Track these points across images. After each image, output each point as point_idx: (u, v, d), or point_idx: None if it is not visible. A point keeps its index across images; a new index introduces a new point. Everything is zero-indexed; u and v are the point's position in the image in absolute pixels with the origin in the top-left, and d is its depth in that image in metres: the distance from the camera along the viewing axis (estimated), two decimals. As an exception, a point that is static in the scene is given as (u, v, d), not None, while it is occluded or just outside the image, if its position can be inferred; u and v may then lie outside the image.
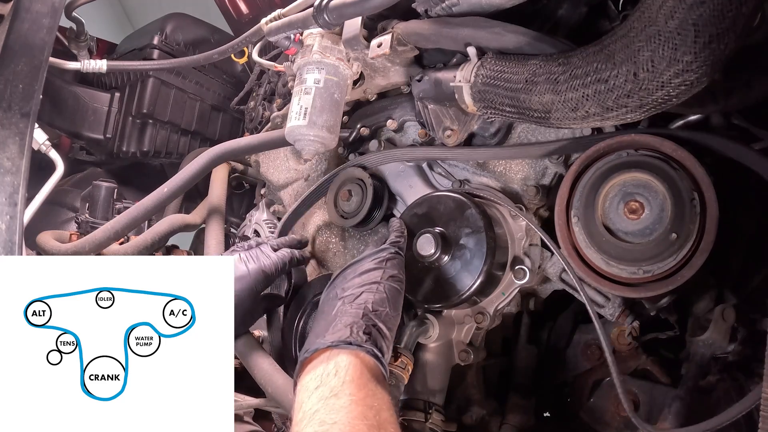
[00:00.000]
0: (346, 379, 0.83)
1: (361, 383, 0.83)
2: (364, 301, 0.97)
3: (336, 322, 0.93)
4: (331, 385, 0.82)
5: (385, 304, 0.99)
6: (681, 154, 1.01)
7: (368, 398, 0.81)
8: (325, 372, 0.85)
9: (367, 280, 1.02)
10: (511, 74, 1.03)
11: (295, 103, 1.33)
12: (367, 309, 0.95)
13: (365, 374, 0.85)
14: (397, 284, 1.05)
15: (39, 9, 1.26)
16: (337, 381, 0.83)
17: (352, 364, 0.86)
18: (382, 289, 1.01)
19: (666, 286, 1.00)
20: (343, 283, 1.04)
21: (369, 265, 1.06)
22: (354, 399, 0.80)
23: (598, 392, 1.27)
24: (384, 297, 1.00)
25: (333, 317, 0.95)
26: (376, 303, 0.97)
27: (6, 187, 1.16)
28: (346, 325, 0.91)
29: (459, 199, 1.21)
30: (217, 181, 1.91)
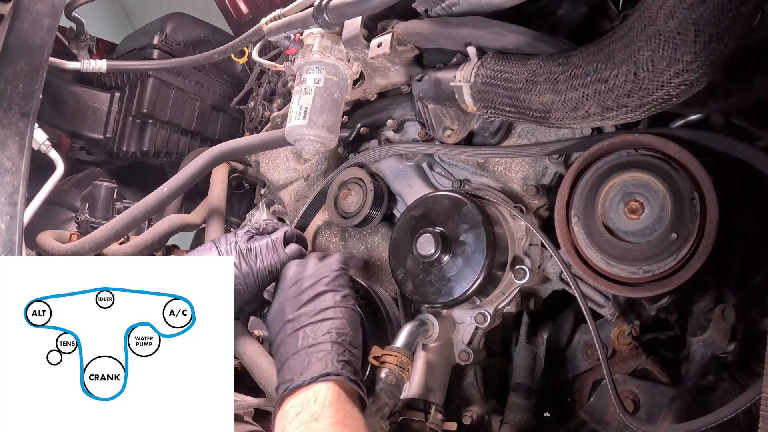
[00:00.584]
0: (325, 403, 0.89)
1: (339, 406, 0.89)
2: (327, 330, 1.01)
3: (309, 357, 0.97)
4: (312, 410, 0.88)
5: (346, 327, 1.03)
6: (682, 154, 1.01)
7: (347, 419, 0.88)
8: (306, 399, 0.91)
9: (322, 306, 1.05)
10: (511, 74, 1.03)
11: (295, 102, 1.33)
12: (333, 338, 1.00)
13: (343, 397, 0.92)
14: (351, 303, 1.09)
15: (39, 9, 1.26)
16: (317, 406, 0.89)
17: (330, 389, 0.92)
18: (340, 313, 1.05)
19: (666, 286, 1.00)
20: (294, 309, 1.06)
21: (318, 288, 1.09)
22: (333, 421, 0.86)
23: (598, 392, 1.27)
24: (344, 321, 1.04)
25: (302, 352, 0.99)
26: (339, 329, 1.02)
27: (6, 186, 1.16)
28: (320, 359, 0.96)
29: (455, 197, 1.21)
30: (217, 181, 1.91)
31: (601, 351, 1.08)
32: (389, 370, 1.09)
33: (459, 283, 1.17)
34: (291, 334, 1.02)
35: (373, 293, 1.37)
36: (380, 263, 1.47)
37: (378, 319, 1.35)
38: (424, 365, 1.24)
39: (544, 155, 1.22)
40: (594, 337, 1.08)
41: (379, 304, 1.36)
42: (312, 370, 0.94)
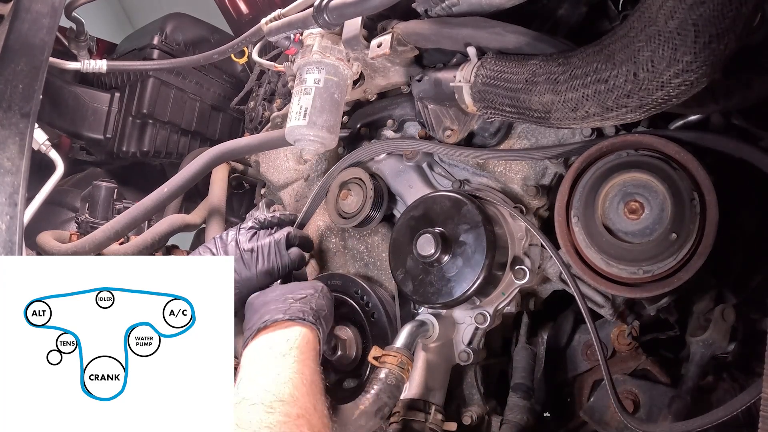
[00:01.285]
0: (294, 345, 1.03)
1: (305, 349, 1.04)
2: (308, 299, 1.15)
3: (289, 306, 1.10)
4: (282, 348, 1.02)
5: (324, 307, 1.17)
6: (682, 154, 1.01)
7: (308, 360, 1.02)
8: (279, 336, 1.05)
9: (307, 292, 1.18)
10: (511, 74, 1.03)
11: (295, 103, 1.33)
12: (312, 306, 1.14)
13: (310, 343, 1.06)
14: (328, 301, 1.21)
15: (39, 9, 1.26)
16: (287, 345, 1.03)
17: (302, 334, 1.06)
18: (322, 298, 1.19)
19: (666, 286, 1.00)
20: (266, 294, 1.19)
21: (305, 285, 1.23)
22: (297, 359, 1.00)
23: (598, 392, 1.27)
24: (323, 303, 1.18)
25: (284, 304, 1.12)
26: (318, 304, 1.16)
27: (6, 187, 1.16)
28: (299, 309, 1.10)
29: (455, 197, 1.21)
30: (217, 181, 1.91)
31: (600, 351, 1.08)
32: (389, 370, 1.10)
33: (459, 283, 1.17)
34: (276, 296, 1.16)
35: (373, 293, 1.37)
36: (380, 263, 1.47)
37: (378, 320, 1.35)
38: (424, 365, 1.24)
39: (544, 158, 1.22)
40: (593, 337, 1.08)
41: (379, 304, 1.36)
42: (291, 312, 1.09)
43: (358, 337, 1.38)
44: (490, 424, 1.31)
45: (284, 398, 0.91)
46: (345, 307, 1.40)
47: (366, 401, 1.07)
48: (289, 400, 0.91)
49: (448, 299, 1.19)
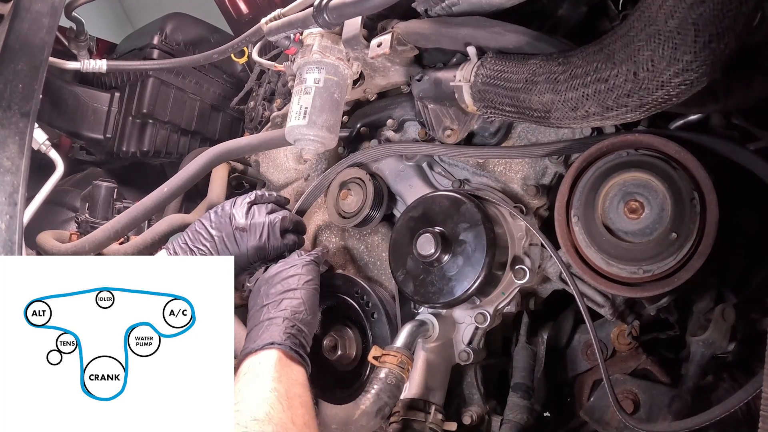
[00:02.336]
0: (267, 366, 1.06)
1: (279, 368, 1.06)
2: (284, 307, 1.17)
3: (263, 329, 1.14)
4: (256, 371, 1.06)
5: (301, 306, 1.19)
6: (682, 154, 1.01)
7: (282, 377, 1.04)
8: (253, 362, 1.08)
9: (287, 287, 1.21)
10: (511, 74, 1.03)
11: (295, 102, 1.33)
12: (286, 314, 1.16)
13: (283, 362, 1.09)
14: (312, 287, 1.25)
15: (39, 9, 1.26)
16: (261, 368, 1.06)
17: (273, 355, 1.09)
18: (299, 294, 1.21)
19: (666, 286, 1.00)
20: (268, 289, 1.22)
21: (287, 273, 1.24)
22: (271, 378, 1.03)
23: (598, 392, 1.27)
24: (300, 301, 1.20)
25: (261, 324, 1.16)
26: (294, 308, 1.18)
27: (6, 186, 1.16)
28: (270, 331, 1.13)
29: (454, 196, 1.21)
30: (216, 180, 1.91)
31: (599, 350, 1.08)
32: (389, 370, 1.10)
33: (459, 283, 1.17)
34: (258, 310, 1.20)
35: (373, 293, 1.37)
36: (380, 263, 1.47)
37: (378, 319, 1.35)
38: (424, 365, 1.24)
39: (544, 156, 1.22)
40: (592, 337, 1.07)
41: (379, 304, 1.36)
42: (262, 339, 1.12)
43: (358, 337, 1.38)
44: (490, 423, 1.31)
45: (258, 417, 0.93)
46: (345, 306, 1.40)
47: (366, 401, 1.07)
48: (263, 418, 0.93)
49: (448, 299, 1.19)
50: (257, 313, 1.19)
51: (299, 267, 1.25)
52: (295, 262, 1.27)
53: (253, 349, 1.10)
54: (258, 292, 1.24)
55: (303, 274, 1.24)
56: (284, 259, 1.30)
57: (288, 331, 1.13)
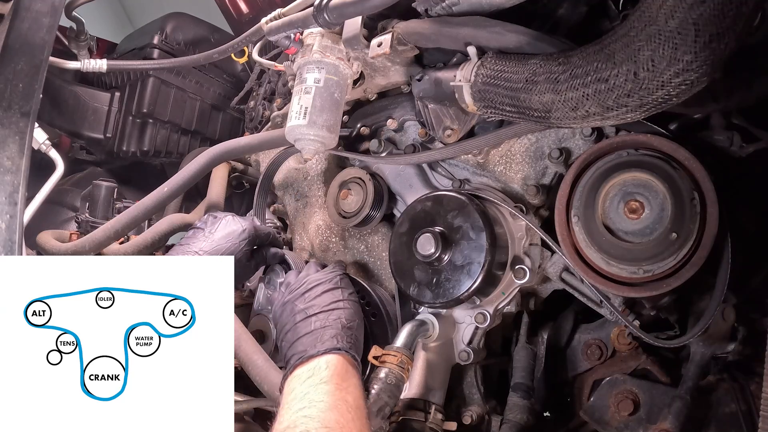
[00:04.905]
0: (333, 372, 1.03)
1: (345, 376, 1.03)
2: (337, 317, 1.16)
3: (321, 334, 1.11)
4: (321, 375, 1.02)
5: (354, 318, 1.18)
6: (682, 153, 1.00)
7: (350, 387, 1.01)
8: (316, 366, 1.04)
9: (333, 299, 1.20)
10: (511, 74, 1.03)
11: (295, 102, 1.33)
12: (343, 323, 1.15)
13: (347, 369, 1.05)
14: (355, 299, 1.25)
15: (39, 8, 1.26)
16: (327, 373, 1.02)
17: (337, 360, 1.06)
18: (349, 305, 1.20)
19: (666, 286, 1.00)
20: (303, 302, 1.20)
21: (326, 286, 1.23)
22: (338, 386, 1.00)
23: (598, 392, 1.27)
24: (352, 311, 1.19)
25: (316, 332, 1.12)
26: (348, 318, 1.17)
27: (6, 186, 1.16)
28: (332, 336, 1.10)
29: (458, 198, 1.21)
30: (216, 179, 1.91)
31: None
32: (389, 369, 1.10)
33: (459, 282, 1.17)
34: (304, 320, 1.16)
35: (373, 293, 1.37)
36: (380, 263, 1.47)
37: (378, 319, 1.35)
38: (424, 365, 1.24)
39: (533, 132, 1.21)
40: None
41: (379, 303, 1.36)
42: (324, 344, 1.08)
43: (358, 336, 1.38)
44: (490, 423, 1.31)
45: (330, 425, 0.89)
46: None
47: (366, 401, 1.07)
48: (335, 426, 0.90)
49: (448, 298, 1.19)
50: (303, 323, 1.15)
51: (338, 280, 1.24)
52: (328, 276, 1.25)
53: (315, 353, 1.06)
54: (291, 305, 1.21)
55: (345, 288, 1.24)
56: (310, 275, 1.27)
57: (349, 340, 1.12)
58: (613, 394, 1.23)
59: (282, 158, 1.63)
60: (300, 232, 1.68)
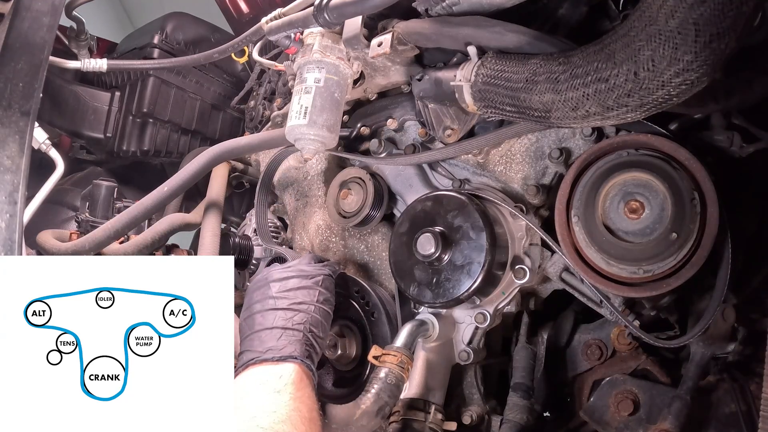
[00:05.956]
0: (288, 381, 1.02)
1: (300, 386, 1.03)
2: (302, 321, 1.14)
3: (281, 338, 1.10)
4: (275, 384, 1.00)
5: (319, 326, 1.17)
6: (682, 153, 1.00)
7: (304, 398, 1.01)
8: (271, 373, 1.03)
9: (306, 298, 1.18)
10: (511, 73, 1.03)
11: (296, 102, 1.33)
12: (305, 329, 1.13)
13: (304, 380, 1.05)
14: (328, 307, 1.22)
15: (39, 8, 1.26)
16: (281, 382, 1.01)
17: (295, 371, 1.05)
18: (318, 312, 1.18)
19: (666, 286, 1.00)
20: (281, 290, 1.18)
21: (306, 282, 1.21)
22: (293, 396, 0.99)
23: (598, 392, 1.27)
24: (318, 320, 1.17)
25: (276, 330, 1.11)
26: (313, 325, 1.16)
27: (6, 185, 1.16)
28: (291, 342, 1.10)
29: (458, 198, 1.21)
30: (216, 178, 1.91)
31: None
32: (389, 369, 1.10)
33: (459, 282, 1.17)
34: (270, 311, 1.15)
35: (373, 293, 1.37)
36: (380, 263, 1.47)
37: (378, 319, 1.35)
38: (424, 365, 1.24)
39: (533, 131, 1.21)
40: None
41: (379, 303, 1.36)
42: (283, 350, 1.07)
43: (358, 336, 1.38)
44: (490, 423, 1.31)
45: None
46: (345, 306, 1.40)
47: (367, 401, 1.07)
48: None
49: (448, 298, 1.18)
50: (268, 315, 1.15)
51: (319, 280, 1.22)
52: (314, 272, 1.24)
53: (271, 358, 1.06)
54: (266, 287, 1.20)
55: (322, 291, 1.22)
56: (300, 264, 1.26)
57: (308, 348, 1.11)
58: (613, 394, 1.23)
59: (282, 157, 1.63)
60: (300, 232, 1.68)
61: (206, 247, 1.60)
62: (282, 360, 1.05)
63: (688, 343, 1.13)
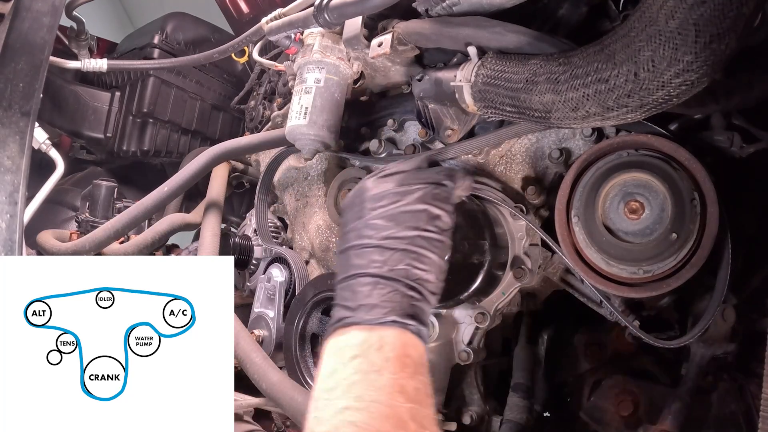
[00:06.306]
0: (389, 356, 0.76)
1: (405, 363, 0.77)
2: (400, 261, 0.83)
3: (375, 288, 0.82)
4: (372, 359, 0.76)
5: (432, 269, 0.85)
6: (682, 154, 1.00)
7: (409, 378, 0.75)
8: (367, 343, 0.77)
9: (418, 223, 0.86)
10: (511, 74, 1.03)
11: (296, 102, 1.33)
12: (411, 278, 0.83)
13: (408, 353, 0.78)
14: (441, 233, 0.89)
15: (39, 8, 1.26)
16: (379, 357, 0.76)
17: (398, 340, 0.78)
18: (430, 247, 0.86)
19: (666, 286, 1.00)
20: (374, 207, 0.88)
21: (419, 205, 0.88)
22: (395, 378, 0.74)
23: (598, 392, 1.27)
24: (431, 260, 0.86)
25: (366, 278, 0.83)
26: (422, 269, 0.84)
27: (6, 185, 1.16)
28: (389, 297, 0.81)
29: (459, 198, 1.21)
30: (217, 178, 1.91)
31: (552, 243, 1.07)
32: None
33: (459, 282, 1.17)
34: (362, 246, 0.86)
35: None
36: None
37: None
38: (424, 365, 1.24)
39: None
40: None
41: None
42: (379, 310, 0.80)
43: (358, 336, 1.38)
44: (490, 423, 1.31)
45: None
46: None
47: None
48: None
49: (448, 298, 1.18)
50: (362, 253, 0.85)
51: (428, 193, 0.90)
52: (420, 181, 0.91)
53: (368, 321, 0.79)
54: (360, 206, 0.90)
55: (431, 209, 0.89)
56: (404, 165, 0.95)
57: (412, 302, 0.82)
58: (613, 395, 1.23)
59: (282, 157, 1.63)
60: (300, 232, 1.68)
61: (206, 247, 1.60)
62: (382, 325, 0.79)
63: (688, 343, 1.14)
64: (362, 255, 0.85)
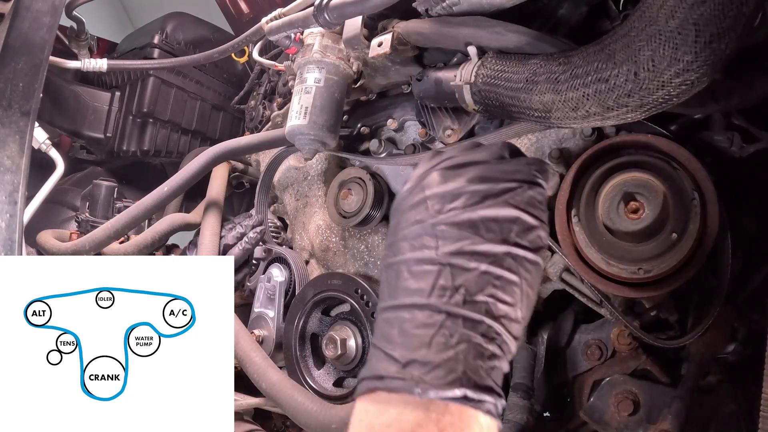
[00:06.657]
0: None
1: None
2: (488, 300, 0.57)
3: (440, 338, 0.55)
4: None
5: (519, 304, 0.59)
6: (682, 154, 1.00)
7: None
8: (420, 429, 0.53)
9: (495, 246, 0.59)
10: (511, 74, 1.03)
11: (296, 102, 1.33)
12: (492, 317, 0.57)
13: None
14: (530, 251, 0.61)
15: (39, 8, 1.26)
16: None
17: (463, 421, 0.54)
18: (518, 270, 0.59)
19: (666, 286, 1.00)
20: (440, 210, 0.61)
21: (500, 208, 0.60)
22: None
23: (598, 392, 1.27)
24: (521, 291, 0.60)
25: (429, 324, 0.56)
26: (507, 304, 0.58)
27: (6, 185, 1.16)
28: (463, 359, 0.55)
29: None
30: (216, 177, 1.91)
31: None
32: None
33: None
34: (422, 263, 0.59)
35: (374, 293, 1.37)
36: (380, 263, 1.47)
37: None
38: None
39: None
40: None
41: (379, 303, 1.35)
42: (442, 374, 0.54)
43: (358, 336, 1.38)
44: (490, 423, 1.30)
45: None
46: (345, 306, 1.40)
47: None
48: None
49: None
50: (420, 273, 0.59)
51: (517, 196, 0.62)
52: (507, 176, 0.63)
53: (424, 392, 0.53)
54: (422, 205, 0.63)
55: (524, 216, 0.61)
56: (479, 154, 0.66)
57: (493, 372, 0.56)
58: (613, 394, 1.23)
59: (282, 157, 1.64)
60: (300, 232, 1.68)
61: (206, 247, 1.60)
62: (442, 401, 0.53)
63: (688, 343, 1.13)
64: (422, 276, 0.59)
